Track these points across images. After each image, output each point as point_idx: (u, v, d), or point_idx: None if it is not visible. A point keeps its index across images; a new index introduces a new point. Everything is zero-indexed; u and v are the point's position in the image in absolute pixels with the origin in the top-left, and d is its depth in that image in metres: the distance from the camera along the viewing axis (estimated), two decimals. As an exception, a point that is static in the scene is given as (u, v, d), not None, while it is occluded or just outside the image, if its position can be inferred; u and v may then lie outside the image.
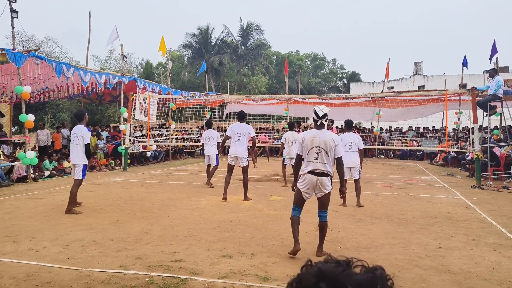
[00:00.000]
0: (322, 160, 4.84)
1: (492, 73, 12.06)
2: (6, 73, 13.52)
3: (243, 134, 8.44)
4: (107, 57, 33.80)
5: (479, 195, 9.67)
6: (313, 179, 4.84)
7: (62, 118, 25.60)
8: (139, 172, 14.32)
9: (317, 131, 4.95)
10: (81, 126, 7.56)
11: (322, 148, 4.83)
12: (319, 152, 4.84)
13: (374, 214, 7.40)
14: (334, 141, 4.88)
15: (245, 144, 8.51)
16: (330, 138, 4.88)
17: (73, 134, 7.58)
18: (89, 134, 7.69)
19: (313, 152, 4.86)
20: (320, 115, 4.93)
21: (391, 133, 22.53)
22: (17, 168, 11.50)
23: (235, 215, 7.13)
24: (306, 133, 5.06)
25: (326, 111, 4.96)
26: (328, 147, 4.83)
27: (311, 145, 4.88)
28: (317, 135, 4.89)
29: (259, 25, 42.59)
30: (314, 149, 4.86)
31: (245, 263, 4.58)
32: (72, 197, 7.35)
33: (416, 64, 38.55)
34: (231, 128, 8.62)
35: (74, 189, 7.43)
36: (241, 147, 8.43)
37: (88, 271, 4.26)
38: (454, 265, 4.60)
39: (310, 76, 51.11)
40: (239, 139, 8.44)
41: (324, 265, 0.85)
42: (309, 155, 4.90)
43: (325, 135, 4.90)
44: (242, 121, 8.67)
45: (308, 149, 4.91)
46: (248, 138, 8.52)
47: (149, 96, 16.28)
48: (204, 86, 27.95)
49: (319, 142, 4.85)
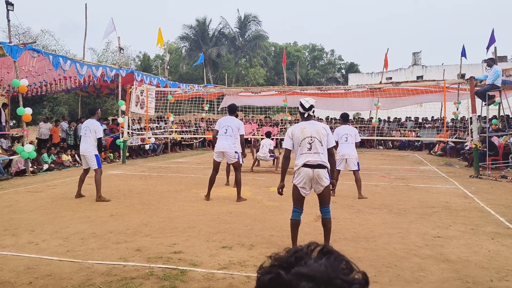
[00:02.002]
0: (316, 150, 4.56)
1: (490, 63, 12.05)
2: (3, 66, 13.46)
3: (230, 128, 7.62)
4: (104, 49, 33.68)
5: (477, 184, 9.69)
6: (309, 172, 4.55)
7: (60, 111, 25.53)
8: (137, 165, 14.31)
9: (306, 123, 4.70)
10: (94, 120, 7.98)
11: (315, 137, 4.57)
12: (312, 142, 4.57)
13: (372, 204, 7.42)
14: (325, 129, 4.66)
15: (233, 139, 7.64)
16: (320, 126, 4.67)
17: (85, 128, 7.95)
18: (102, 128, 8.11)
19: (306, 143, 4.59)
20: (306, 107, 4.69)
21: (389, 123, 22.52)
22: (15, 162, 11.48)
23: (234, 207, 7.14)
24: (295, 127, 4.78)
25: (312, 102, 4.73)
26: (321, 135, 4.59)
27: (303, 136, 4.61)
28: (307, 126, 4.65)
29: (257, 16, 42.45)
30: (306, 139, 4.59)
31: (244, 254, 4.60)
32: (98, 186, 7.72)
33: (415, 54, 38.45)
34: (219, 121, 7.90)
35: (98, 177, 7.80)
36: (228, 141, 7.60)
37: (88, 264, 4.27)
38: (452, 254, 4.62)
39: (308, 67, 51.01)
40: (226, 132, 7.62)
41: (276, 256, 0.84)
42: (302, 147, 4.61)
43: (314, 125, 4.67)
44: (232, 114, 7.90)
45: (299, 140, 4.62)
46: (237, 134, 7.67)
47: (147, 89, 16.23)
48: (202, 78, 27.89)
49: (310, 132, 4.60)
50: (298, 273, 0.78)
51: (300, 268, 0.79)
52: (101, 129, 8.05)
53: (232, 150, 7.61)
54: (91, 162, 7.85)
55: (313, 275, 0.77)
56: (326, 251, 0.84)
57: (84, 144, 7.88)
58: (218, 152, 7.71)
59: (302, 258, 0.82)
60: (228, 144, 7.60)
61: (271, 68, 44.88)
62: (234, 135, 7.64)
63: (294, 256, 0.82)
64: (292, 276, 0.78)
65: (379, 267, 4.22)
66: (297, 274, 0.78)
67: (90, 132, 7.81)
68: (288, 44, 51.01)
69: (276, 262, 0.83)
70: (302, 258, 0.82)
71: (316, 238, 5.25)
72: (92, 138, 7.81)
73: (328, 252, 0.83)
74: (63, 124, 16.45)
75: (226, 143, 7.60)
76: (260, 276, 0.82)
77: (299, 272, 0.78)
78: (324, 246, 0.85)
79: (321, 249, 0.84)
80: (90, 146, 7.81)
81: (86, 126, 7.93)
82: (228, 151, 7.60)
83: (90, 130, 7.82)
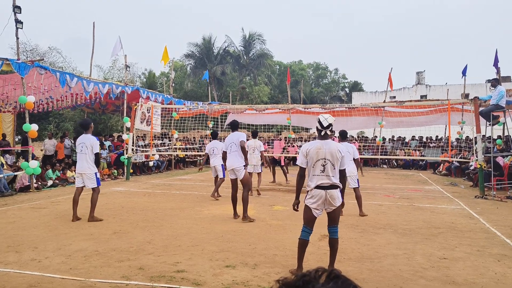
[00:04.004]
0: (328, 173, 4.54)
1: (494, 83, 12.08)
2: (10, 83, 13.62)
3: (233, 143, 7.75)
4: (111, 67, 34.03)
5: (482, 205, 9.61)
6: (322, 193, 4.53)
7: (65, 127, 25.69)
8: (141, 181, 14.31)
9: (322, 142, 4.63)
10: (89, 135, 7.55)
11: (328, 160, 4.54)
12: (325, 164, 4.54)
13: (377, 224, 7.36)
14: (341, 152, 4.61)
15: (238, 153, 7.70)
16: (336, 149, 4.61)
17: (81, 144, 7.51)
18: (98, 143, 7.70)
19: (319, 165, 4.56)
20: (324, 125, 4.60)
21: (393, 142, 22.48)
22: (20, 178, 11.51)
23: (238, 225, 7.10)
24: (310, 145, 4.71)
25: (331, 121, 4.62)
26: (335, 158, 4.56)
27: (317, 157, 4.57)
28: (322, 147, 4.58)
29: (261, 35, 42.90)
30: (319, 161, 4.56)
31: (248, 274, 4.56)
32: (93, 205, 7.48)
33: (418, 74, 38.61)
34: (225, 141, 8.01)
35: (95, 196, 7.55)
36: (234, 158, 7.70)
37: (91, 282, 4.24)
38: (458, 276, 4.56)
39: (312, 86, 51.31)
40: (231, 149, 7.75)
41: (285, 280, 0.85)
42: (315, 168, 4.58)
43: (330, 146, 4.60)
44: (235, 130, 7.98)
45: (313, 161, 4.59)
46: (239, 147, 7.72)
47: (152, 106, 16.34)
48: (207, 96, 28.04)
49: (324, 154, 4.55)
50: None
51: None
52: (97, 144, 7.61)
53: (240, 165, 7.70)
54: (89, 181, 7.49)
55: None
56: (333, 276, 0.84)
57: (82, 162, 7.46)
58: (230, 170, 7.85)
59: (310, 282, 0.82)
60: (234, 161, 7.71)
61: (275, 86, 45.15)
62: (238, 150, 7.73)
63: (302, 280, 0.83)
64: None
65: (385, 288, 4.17)
66: None
67: (87, 149, 7.41)
68: (293, 63, 51.42)
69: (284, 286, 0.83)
70: (310, 282, 0.82)
71: (320, 258, 5.20)
72: (88, 155, 7.42)
73: (336, 277, 0.84)
74: (66, 141, 16.54)
75: (233, 160, 7.72)
76: None
77: None
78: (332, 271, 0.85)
79: (328, 274, 0.85)
80: (89, 164, 7.44)
81: (82, 142, 7.48)
82: (236, 167, 7.71)
83: (86, 146, 7.41)
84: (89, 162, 7.47)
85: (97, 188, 7.62)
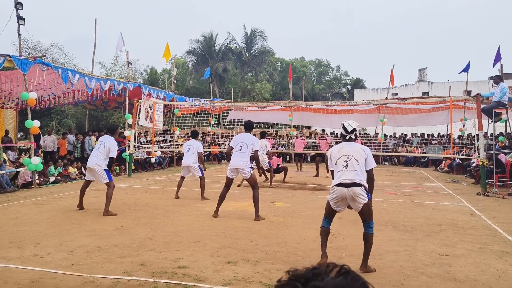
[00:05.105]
0: (352, 168, 4.56)
1: (496, 80, 12.05)
2: (12, 79, 13.64)
3: (245, 144, 7.57)
4: (113, 63, 33.97)
5: (484, 202, 9.60)
6: (343, 191, 4.56)
7: (67, 124, 25.72)
8: (143, 178, 14.34)
9: (345, 143, 4.84)
10: (112, 138, 7.97)
11: (351, 156, 4.62)
12: (348, 160, 4.61)
13: (379, 221, 7.36)
14: (364, 150, 4.69)
15: (247, 156, 7.58)
16: (359, 148, 4.73)
17: (101, 142, 7.92)
18: (117, 148, 7.99)
19: (342, 161, 4.64)
20: (349, 130, 4.82)
21: (395, 139, 22.45)
22: (22, 174, 11.55)
23: (239, 222, 7.11)
24: (333, 148, 4.93)
25: (354, 126, 4.83)
26: (358, 155, 4.62)
27: (339, 154, 4.70)
28: (345, 146, 4.77)
29: (263, 32, 42.79)
30: (342, 157, 4.66)
31: (249, 270, 4.56)
32: (109, 200, 7.60)
33: (421, 71, 38.55)
34: (234, 138, 7.88)
35: (110, 191, 7.69)
36: (241, 159, 7.51)
37: (93, 277, 4.26)
38: (460, 273, 4.57)
39: (314, 83, 51.21)
40: (240, 149, 7.56)
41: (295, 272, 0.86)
42: (338, 165, 4.67)
43: (353, 146, 4.76)
44: (248, 131, 7.87)
45: (336, 159, 4.70)
46: (251, 151, 7.62)
47: (154, 103, 16.35)
48: (209, 93, 28.07)
49: (347, 151, 4.68)
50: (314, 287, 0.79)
51: (317, 282, 0.80)
52: (116, 149, 7.92)
53: (246, 166, 7.48)
54: (101, 177, 7.76)
55: None
56: (344, 272, 0.85)
57: (94, 158, 7.79)
58: (232, 168, 7.59)
59: (320, 275, 0.83)
60: (242, 161, 7.49)
61: (277, 83, 45.10)
62: (249, 152, 7.57)
63: (312, 273, 0.84)
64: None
65: (386, 285, 4.18)
66: None
67: (104, 149, 7.76)
68: (295, 60, 51.32)
69: (294, 277, 0.85)
70: (320, 274, 0.84)
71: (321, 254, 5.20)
72: (104, 153, 7.76)
73: (346, 272, 0.85)
74: (70, 136, 16.57)
75: (240, 160, 7.50)
76: None
77: (315, 285, 0.79)
78: (342, 266, 0.86)
79: (339, 269, 0.85)
80: (101, 160, 7.74)
81: (102, 142, 7.88)
82: (241, 167, 7.48)
83: (104, 147, 7.77)
84: (100, 159, 7.76)
85: (111, 183, 7.81)
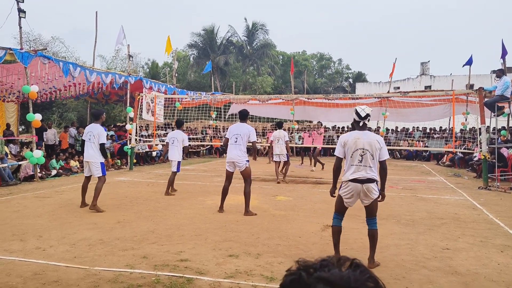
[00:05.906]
0: (366, 163, 4.48)
1: (499, 74, 11.98)
2: (13, 72, 13.63)
3: (240, 136, 7.32)
4: (114, 57, 33.96)
5: (486, 196, 9.60)
6: (358, 187, 4.50)
7: (68, 117, 25.75)
8: (145, 171, 14.36)
9: (360, 133, 4.59)
10: (98, 125, 7.71)
11: (367, 150, 4.48)
12: (364, 154, 4.48)
13: (380, 214, 7.31)
14: (379, 143, 4.54)
15: (242, 148, 7.35)
16: (374, 139, 4.55)
17: (89, 132, 7.66)
18: (105, 133, 7.82)
19: (357, 154, 4.50)
20: (362, 116, 4.57)
21: (397, 133, 22.42)
22: (24, 167, 11.57)
23: (241, 215, 7.12)
24: (348, 135, 4.66)
25: (368, 111, 4.60)
26: (373, 148, 4.49)
27: (355, 147, 4.51)
28: (361, 137, 4.54)
29: (264, 25, 42.58)
30: (358, 151, 4.50)
31: (251, 263, 4.58)
32: (97, 194, 7.47)
33: (423, 64, 38.36)
34: (229, 129, 7.59)
35: (99, 185, 7.56)
36: (237, 151, 7.30)
37: (95, 270, 4.28)
38: (461, 267, 4.57)
39: (316, 76, 51.04)
40: (236, 141, 7.33)
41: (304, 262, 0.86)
42: (353, 158, 4.53)
43: (369, 136, 4.56)
44: (243, 121, 7.60)
45: (351, 151, 4.53)
46: (247, 142, 7.42)
47: (155, 96, 16.33)
48: (210, 86, 28.00)
49: (363, 144, 4.50)
50: (319, 277, 0.80)
51: (322, 273, 0.81)
52: (105, 134, 7.75)
53: (241, 159, 7.30)
54: (95, 170, 7.58)
55: (333, 280, 0.79)
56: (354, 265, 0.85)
57: (89, 151, 7.57)
58: (229, 162, 7.44)
59: (327, 266, 0.84)
60: (237, 154, 7.31)
61: (278, 76, 44.97)
62: (244, 144, 7.37)
63: (320, 263, 0.85)
64: (313, 279, 0.80)
65: (387, 279, 4.18)
66: (317, 278, 0.80)
67: (94, 138, 7.54)
68: (297, 53, 51.12)
69: (301, 266, 0.85)
70: (327, 265, 0.84)
71: (323, 248, 5.22)
72: (95, 144, 7.54)
73: (356, 266, 0.84)
74: (72, 130, 16.58)
75: (235, 152, 7.32)
76: (284, 276, 0.86)
77: (320, 276, 0.80)
78: (353, 260, 0.86)
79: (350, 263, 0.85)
80: (96, 152, 7.56)
81: (90, 131, 7.63)
82: (237, 160, 7.31)
83: (93, 135, 7.55)
84: (95, 150, 7.59)
85: (103, 177, 7.67)
